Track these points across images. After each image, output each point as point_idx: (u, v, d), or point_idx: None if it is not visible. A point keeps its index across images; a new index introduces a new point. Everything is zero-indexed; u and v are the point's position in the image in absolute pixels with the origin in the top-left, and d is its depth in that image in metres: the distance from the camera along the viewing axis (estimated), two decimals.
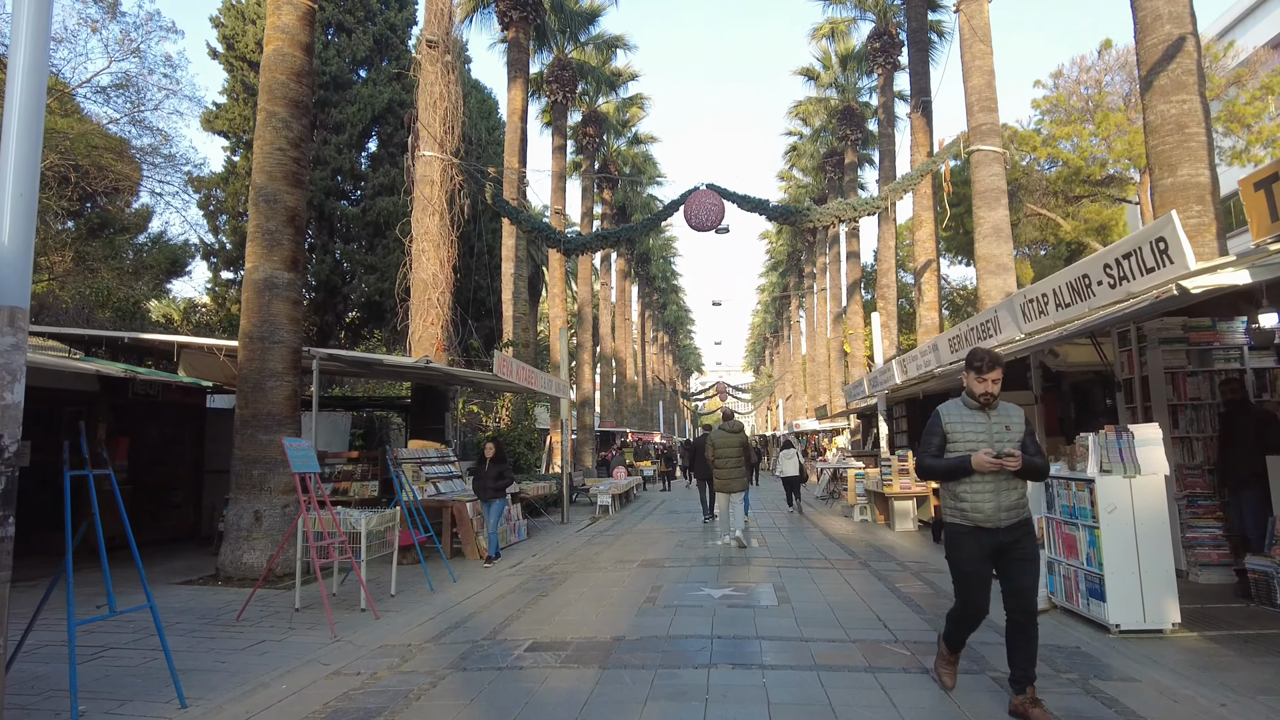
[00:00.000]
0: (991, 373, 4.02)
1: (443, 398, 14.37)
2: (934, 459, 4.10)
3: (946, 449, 4.07)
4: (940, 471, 4.06)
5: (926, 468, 4.14)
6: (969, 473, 3.94)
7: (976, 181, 13.96)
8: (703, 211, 14.18)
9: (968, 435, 4.01)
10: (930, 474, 4.16)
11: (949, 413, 4.13)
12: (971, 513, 3.98)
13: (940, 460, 4.07)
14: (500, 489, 10.10)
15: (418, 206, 14.90)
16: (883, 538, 11.76)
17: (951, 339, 9.24)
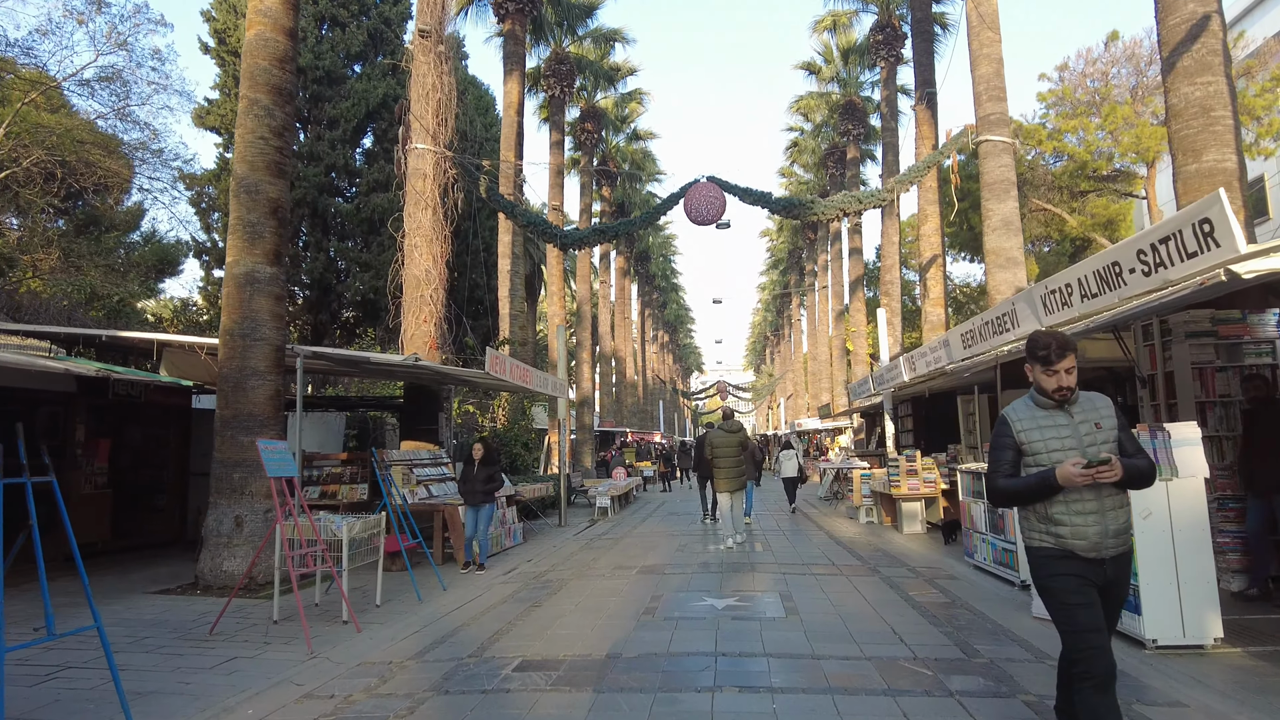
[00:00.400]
0: (1063, 361, 3.15)
1: (436, 398, 13.96)
2: (1009, 479, 3.19)
3: (1023, 464, 3.19)
4: (1021, 494, 3.16)
5: (1002, 491, 3.22)
6: (1057, 490, 3.06)
7: (985, 173, 13.55)
8: (703, 205, 13.77)
9: (1050, 444, 3.13)
10: (1007, 498, 3.24)
11: (1019, 417, 3.23)
12: (1072, 539, 3.08)
13: (1017, 481, 3.16)
14: (490, 493, 9.66)
15: (410, 201, 14.49)
16: (891, 541, 11.36)
17: (965, 334, 8.83)
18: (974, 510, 8.42)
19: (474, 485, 9.68)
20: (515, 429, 16.91)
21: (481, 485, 9.69)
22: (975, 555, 8.42)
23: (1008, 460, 3.21)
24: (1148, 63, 25.05)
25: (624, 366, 41.09)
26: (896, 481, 12.28)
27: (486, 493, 9.68)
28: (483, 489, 9.69)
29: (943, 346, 9.91)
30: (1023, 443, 3.18)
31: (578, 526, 14.68)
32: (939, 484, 12.24)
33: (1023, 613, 6.28)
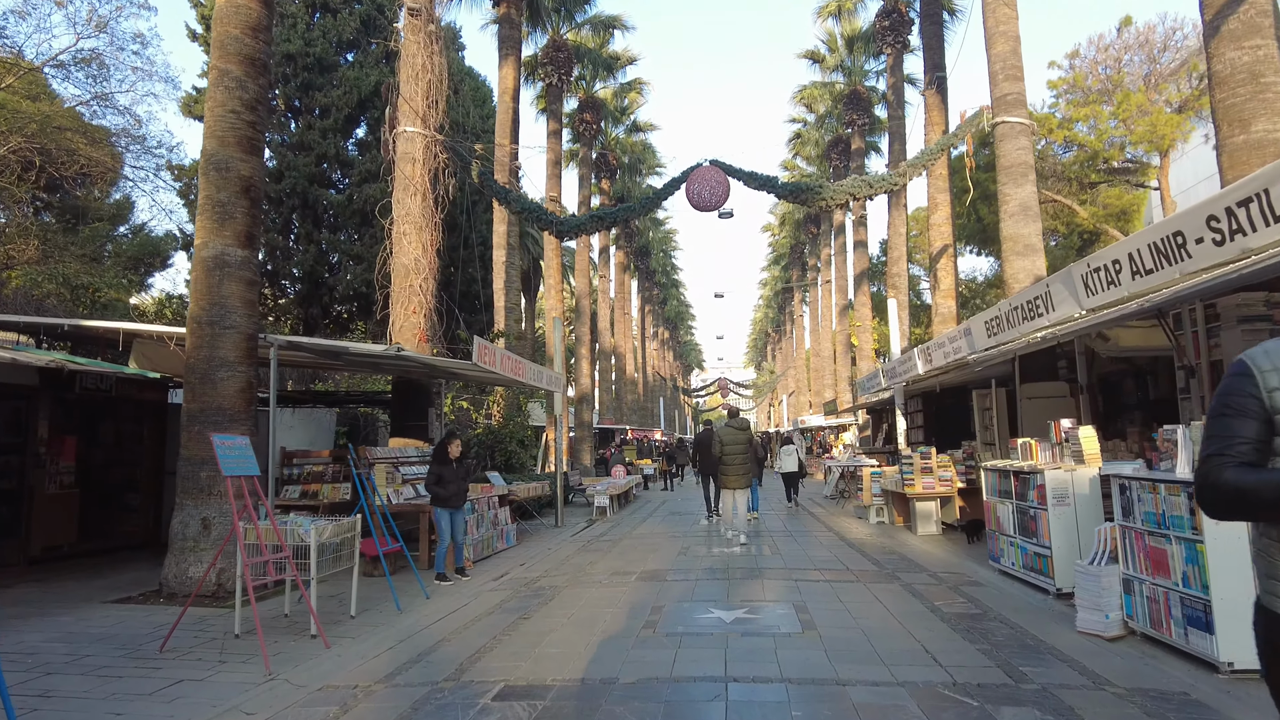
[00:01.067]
0: None
1: (426, 393, 13.33)
2: (1245, 471, 1.72)
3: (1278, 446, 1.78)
4: (1268, 499, 1.65)
5: (1232, 489, 1.71)
6: None
7: (1001, 156, 12.90)
8: (706, 190, 13.12)
9: None
10: (1240, 502, 1.71)
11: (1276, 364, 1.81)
12: None
13: (1266, 475, 1.69)
14: (466, 493, 8.99)
15: (398, 186, 13.86)
16: (905, 543, 10.72)
17: (990, 321, 8.18)
18: (1000, 511, 7.78)
19: (458, 486, 8.99)
20: (511, 426, 16.27)
21: (463, 485, 9.02)
22: (1002, 560, 7.78)
23: (1248, 436, 1.77)
24: (1161, 49, 24.43)
25: (624, 363, 40.45)
26: (910, 480, 11.64)
27: (465, 494, 9.01)
28: (465, 489, 9.03)
29: (963, 336, 9.26)
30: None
31: (575, 527, 14.05)
32: (955, 483, 11.60)
33: (1063, 626, 5.65)
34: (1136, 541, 5.17)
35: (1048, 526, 6.67)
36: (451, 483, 8.55)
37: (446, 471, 8.59)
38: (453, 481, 8.57)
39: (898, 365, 12.82)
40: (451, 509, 8.60)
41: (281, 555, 5.97)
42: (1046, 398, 11.90)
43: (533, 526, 14.11)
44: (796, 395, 53.61)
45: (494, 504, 11.30)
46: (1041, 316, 6.89)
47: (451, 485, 8.54)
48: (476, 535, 10.25)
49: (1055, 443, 7.25)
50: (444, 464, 8.63)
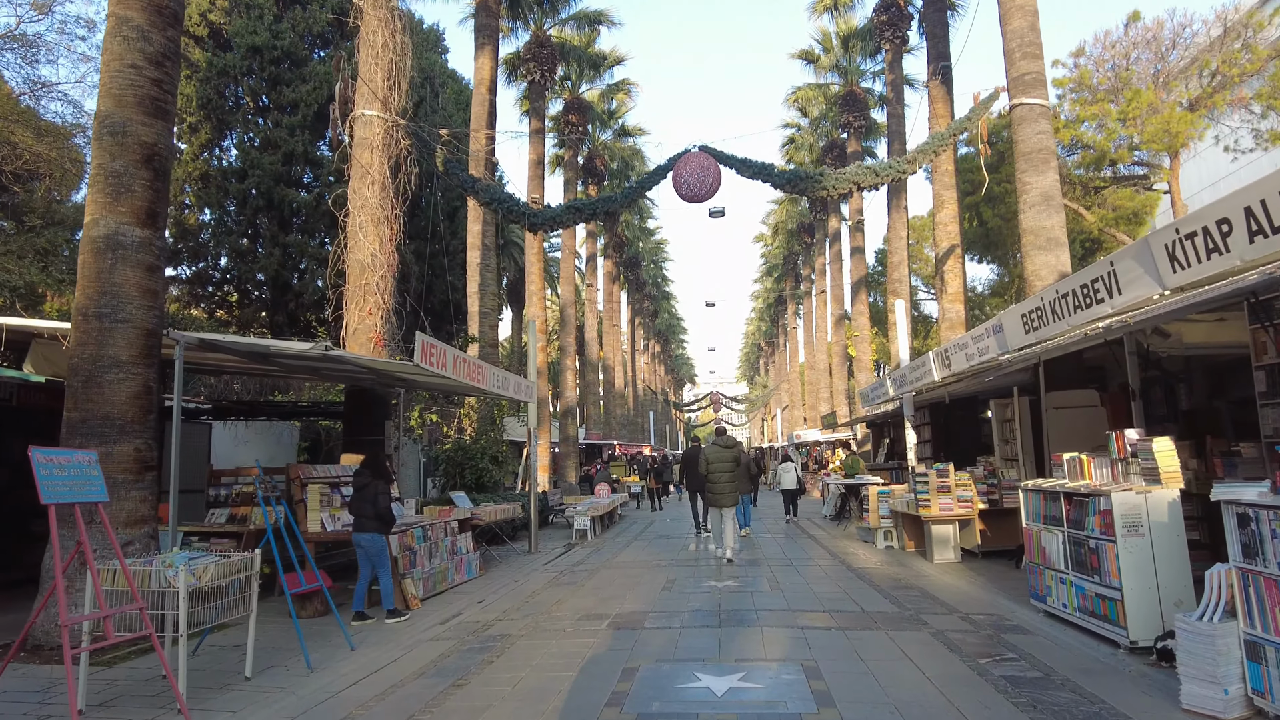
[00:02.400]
0: None
1: (382, 403, 11.95)
2: None
3: None
4: None
5: None
6: None
7: (1020, 141, 11.70)
8: (694, 178, 11.87)
9: None
10: None
11: None
12: None
13: None
14: (380, 518, 7.48)
15: (355, 175, 12.54)
16: (921, 573, 9.37)
17: (1029, 313, 6.88)
18: (1047, 541, 6.45)
19: (359, 507, 7.56)
20: (482, 440, 14.87)
21: (370, 509, 7.54)
22: (1049, 600, 6.44)
23: None
24: (1170, 46, 23.47)
25: (612, 375, 39.08)
26: (926, 501, 10.30)
27: (378, 518, 7.51)
28: (370, 513, 7.55)
29: (991, 334, 7.97)
30: None
31: (551, 553, 12.64)
32: (976, 503, 10.28)
33: (1158, 698, 4.31)
34: (1268, 591, 3.84)
35: (1116, 562, 5.35)
36: (353, 503, 7.22)
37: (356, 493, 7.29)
38: (355, 502, 7.26)
39: (908, 372, 11.52)
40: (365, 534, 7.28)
41: (135, 606, 4.57)
42: (1075, 407, 10.66)
43: (503, 553, 12.70)
44: (790, 410, 52.33)
45: (452, 530, 9.90)
46: (1102, 303, 5.60)
47: (354, 506, 7.23)
48: (428, 567, 8.85)
49: (1118, 458, 5.94)
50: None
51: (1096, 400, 10.72)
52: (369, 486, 7.64)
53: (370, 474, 7.73)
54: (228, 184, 21.08)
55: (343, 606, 8.28)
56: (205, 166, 21.85)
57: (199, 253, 21.95)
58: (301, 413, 13.99)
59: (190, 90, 21.66)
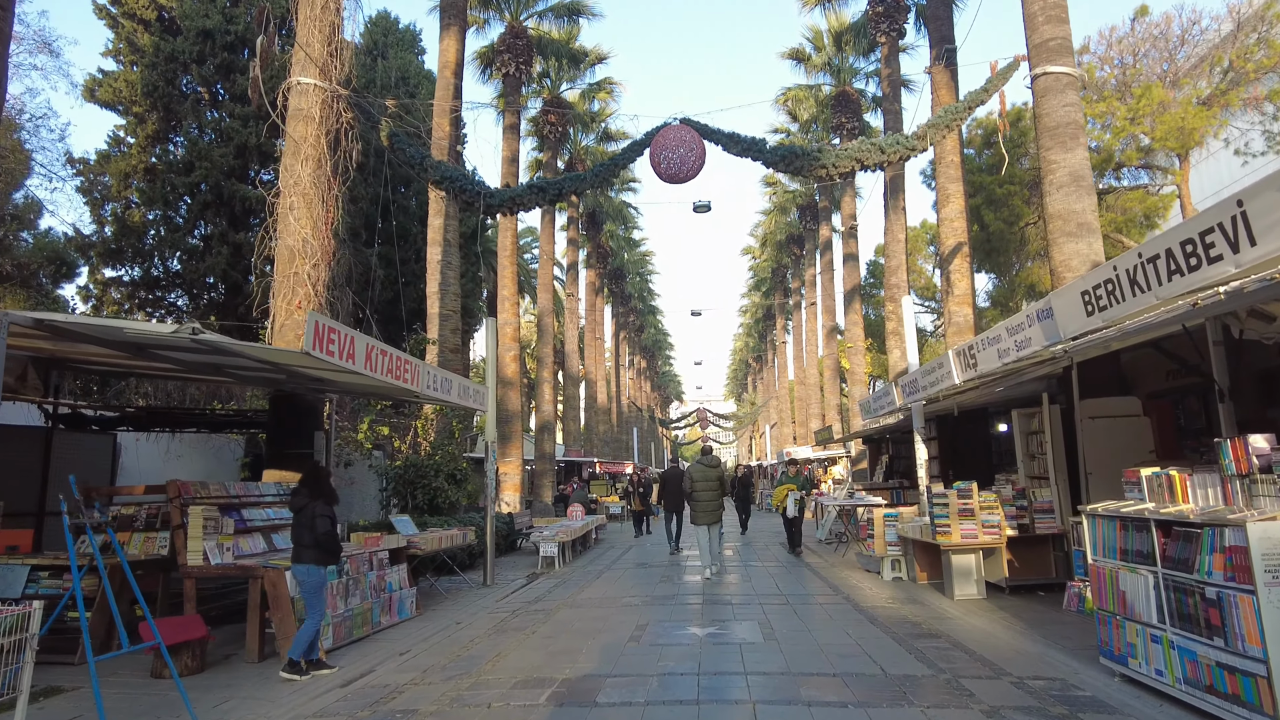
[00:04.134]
0: None
1: (311, 411, 10.30)
2: None
3: None
4: None
5: None
6: None
7: (1044, 115, 10.30)
8: (675, 155, 10.37)
9: None
10: None
11: None
12: None
13: None
14: (320, 545, 6.00)
15: (288, 151, 11.00)
16: (944, 613, 7.79)
17: (1094, 289, 5.35)
18: (1129, 584, 4.89)
19: (299, 535, 6.06)
20: (437, 456, 13.20)
21: (308, 535, 6.04)
22: (1132, 661, 4.86)
23: None
24: (1179, 43, 22.39)
25: (595, 390, 37.44)
26: (945, 526, 8.73)
27: (317, 546, 6.01)
28: (310, 541, 6.04)
29: (1035, 321, 6.44)
30: None
31: (509, 585, 10.97)
32: (1004, 530, 8.71)
33: None
34: None
35: (1256, 621, 3.79)
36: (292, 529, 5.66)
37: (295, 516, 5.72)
38: (293, 528, 5.70)
39: (920, 377, 9.99)
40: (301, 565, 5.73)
41: None
42: (1113, 417, 9.20)
43: (454, 586, 11.01)
44: (779, 427, 50.80)
45: (380, 562, 8.23)
46: (1219, 262, 4.08)
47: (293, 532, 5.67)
48: (342, 609, 7.17)
49: (1236, 474, 4.39)
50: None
51: (1138, 408, 9.26)
52: (306, 509, 6.08)
53: (308, 493, 6.14)
54: (174, 179, 19.42)
55: (231, 659, 6.62)
56: (149, 160, 20.22)
57: (145, 253, 20.23)
58: (222, 423, 12.29)
59: (135, 78, 20.08)
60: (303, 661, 5.93)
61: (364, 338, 6.39)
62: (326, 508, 6.08)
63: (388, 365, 6.77)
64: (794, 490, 13.52)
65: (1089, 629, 6.63)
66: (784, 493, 13.57)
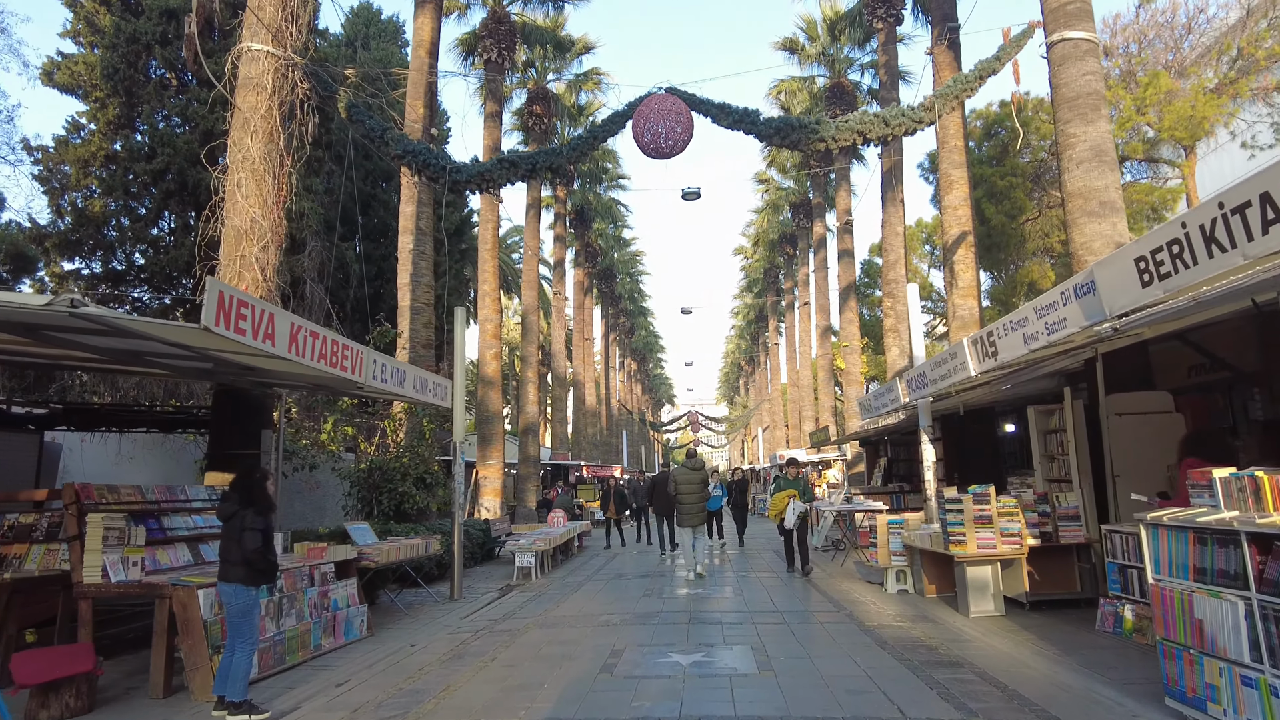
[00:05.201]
0: None
1: (260, 409, 9.32)
2: None
3: None
4: None
5: None
6: None
7: (1062, 85, 9.45)
8: (660, 126, 9.46)
9: None
10: None
11: None
12: None
13: None
14: (248, 563, 5.05)
15: (236, 124, 10.07)
16: (961, 634, 6.88)
17: (1153, 253, 4.45)
18: (1208, 610, 3.99)
19: (226, 550, 5.11)
20: (405, 459, 12.23)
21: (236, 549, 5.10)
22: (1213, 708, 3.95)
23: None
24: (1185, 31, 21.68)
25: (583, 392, 36.47)
26: (959, 535, 7.82)
27: (245, 563, 5.06)
28: (236, 557, 5.09)
29: (1073, 298, 5.54)
30: None
31: (479, 599, 10.01)
32: (1025, 538, 7.81)
33: None
34: None
35: None
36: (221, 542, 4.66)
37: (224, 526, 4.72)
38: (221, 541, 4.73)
39: (929, 370, 9.09)
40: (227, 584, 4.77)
41: None
42: (1143, 413, 8.32)
43: (419, 600, 10.05)
44: (772, 430, 49.92)
45: (325, 577, 7.26)
46: None
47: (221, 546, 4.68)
48: (273, 632, 6.21)
49: None
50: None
51: (1170, 404, 8.38)
52: (235, 518, 5.11)
53: (237, 500, 5.18)
54: (136, 166, 18.40)
55: (133, 694, 5.64)
56: (112, 147, 19.19)
57: (106, 245, 19.18)
58: (168, 422, 11.29)
59: (95, 60, 19.06)
60: (248, 703, 4.98)
61: (288, 316, 5.43)
62: (258, 518, 5.11)
63: (320, 350, 5.81)
64: (794, 497, 11.46)
65: (1132, 656, 5.76)
66: (783, 500, 11.51)
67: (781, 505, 11.42)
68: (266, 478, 5.13)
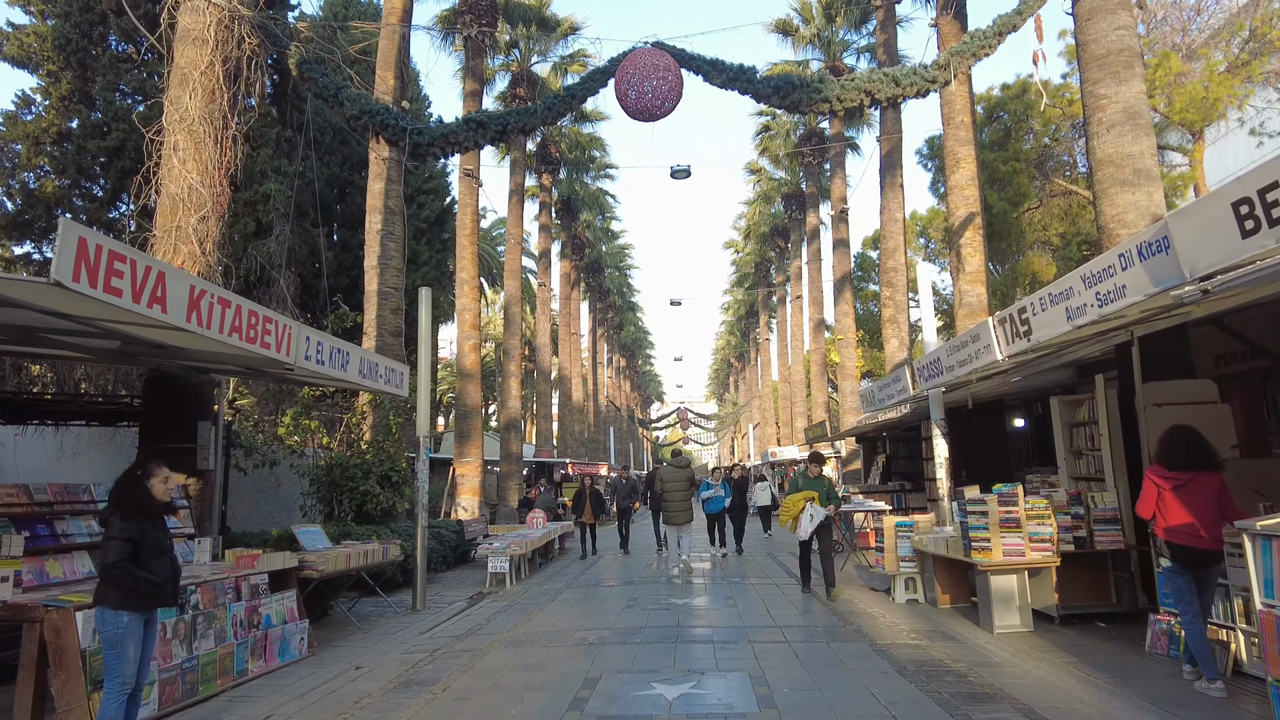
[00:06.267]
0: None
1: (197, 397, 8.31)
2: None
3: None
4: None
5: None
6: None
7: (1090, 42, 8.56)
8: (646, 83, 8.48)
9: None
10: None
11: None
12: None
13: None
14: (110, 579, 4.04)
15: (174, 80, 9.02)
16: (988, 656, 5.97)
17: (1257, 198, 3.53)
18: None
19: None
20: (369, 455, 11.22)
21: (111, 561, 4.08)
22: None
23: None
24: (1194, 14, 20.94)
25: (569, 388, 35.46)
26: (983, 541, 6.91)
27: (111, 581, 4.05)
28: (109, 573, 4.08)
29: (1130, 264, 4.63)
30: None
31: (445, 609, 9.04)
32: (1056, 544, 6.91)
33: None
34: None
35: None
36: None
37: None
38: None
39: (945, 355, 8.17)
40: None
41: None
42: (1183, 404, 7.41)
43: (377, 611, 9.06)
44: (763, 427, 49.10)
45: (256, 590, 6.27)
46: None
47: None
48: (182, 658, 5.22)
49: None
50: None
51: (1214, 393, 7.49)
52: (108, 525, 4.10)
53: (111, 505, 4.16)
54: (89, 143, 17.26)
55: None
56: (67, 124, 18.05)
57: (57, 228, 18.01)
58: (99, 413, 10.23)
59: (47, 31, 17.89)
60: None
61: (185, 276, 4.44)
62: (126, 525, 4.08)
63: (234, 322, 4.82)
64: (812, 500, 9.17)
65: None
66: (798, 504, 9.24)
67: (796, 510, 9.29)
68: (150, 475, 4.12)
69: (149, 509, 4.07)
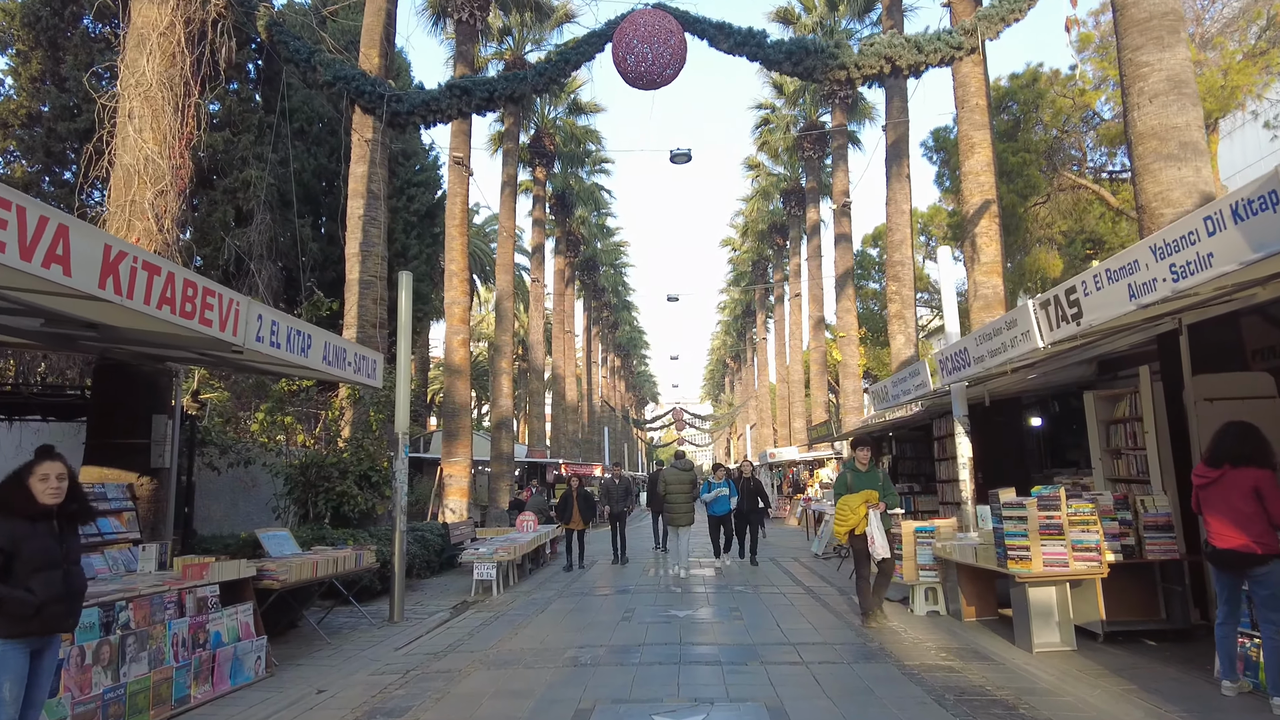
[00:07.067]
0: None
1: (151, 387, 7.55)
2: None
3: None
4: None
5: None
6: None
7: (1129, 6, 7.89)
8: (645, 45, 7.75)
9: None
10: None
11: None
12: None
13: None
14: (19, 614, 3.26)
15: (131, 41, 8.23)
16: (1034, 682, 5.28)
17: None
18: None
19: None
20: (345, 454, 10.47)
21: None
22: None
23: None
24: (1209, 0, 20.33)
25: (563, 386, 34.72)
26: (1021, 549, 6.20)
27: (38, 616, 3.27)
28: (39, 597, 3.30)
29: (1220, 228, 3.93)
30: None
31: (425, 621, 8.29)
32: (1105, 554, 6.20)
33: None
34: None
35: None
36: None
37: None
38: None
39: (973, 346, 7.45)
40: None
41: None
42: (1235, 399, 6.70)
43: (351, 622, 8.31)
44: (759, 428, 48.42)
45: (203, 603, 5.52)
46: None
47: None
48: (104, 688, 4.47)
49: None
50: None
51: (1272, 387, 6.80)
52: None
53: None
54: (59, 125, 16.47)
55: None
56: (40, 107, 17.25)
57: None
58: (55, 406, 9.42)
59: (15, 8, 17.08)
60: None
61: (100, 234, 3.72)
62: (9, 529, 3.31)
63: (163, 293, 4.07)
64: (871, 503, 7.44)
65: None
66: (860, 510, 7.44)
67: (857, 517, 7.44)
68: (29, 473, 3.36)
69: (31, 512, 3.31)
